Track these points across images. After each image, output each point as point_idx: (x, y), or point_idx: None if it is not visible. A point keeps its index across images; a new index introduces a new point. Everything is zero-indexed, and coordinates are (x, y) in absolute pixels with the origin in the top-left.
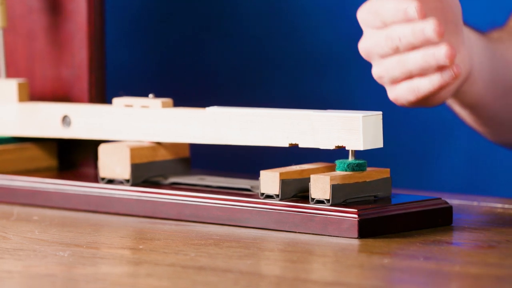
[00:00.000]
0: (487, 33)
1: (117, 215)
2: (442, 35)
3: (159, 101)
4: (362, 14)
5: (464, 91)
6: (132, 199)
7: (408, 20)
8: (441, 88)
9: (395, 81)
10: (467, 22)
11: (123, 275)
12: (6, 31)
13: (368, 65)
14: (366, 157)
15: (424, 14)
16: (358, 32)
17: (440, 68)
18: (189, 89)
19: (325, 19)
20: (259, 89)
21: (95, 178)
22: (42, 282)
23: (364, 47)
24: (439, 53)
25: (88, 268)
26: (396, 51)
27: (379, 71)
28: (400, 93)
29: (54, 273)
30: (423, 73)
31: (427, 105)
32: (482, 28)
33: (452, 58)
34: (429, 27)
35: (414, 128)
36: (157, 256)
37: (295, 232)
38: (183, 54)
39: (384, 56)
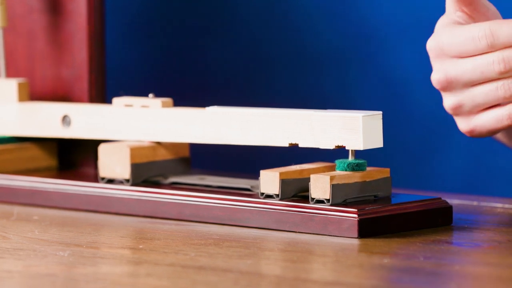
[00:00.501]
0: None
1: (117, 215)
2: None
3: (159, 101)
4: (441, 43)
5: None
6: (132, 199)
7: None
8: None
9: (478, 110)
10: None
11: (123, 275)
12: (6, 31)
13: (369, 65)
14: (366, 157)
15: None
16: (358, 32)
17: None
18: (189, 89)
19: (325, 19)
20: (259, 89)
21: (95, 178)
22: (42, 282)
23: (447, 76)
24: None
25: (88, 267)
26: (504, 75)
27: (460, 100)
28: (483, 123)
29: (54, 272)
30: None
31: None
32: None
33: None
34: None
35: (414, 128)
36: (157, 256)
37: (295, 232)
38: (183, 54)
39: (476, 83)
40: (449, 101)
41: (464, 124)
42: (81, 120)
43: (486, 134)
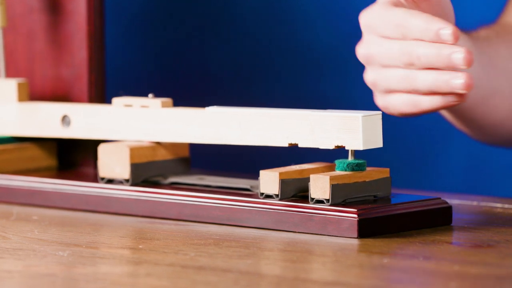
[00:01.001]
0: (474, 32)
1: (117, 215)
2: (471, 64)
3: (158, 101)
4: (371, 20)
5: None
6: (132, 199)
7: (437, 41)
8: (442, 108)
9: (391, 91)
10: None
11: (123, 275)
12: (6, 31)
13: None
14: (365, 157)
15: (457, 39)
16: (358, 32)
17: (449, 93)
18: (189, 89)
19: (324, 19)
20: (259, 89)
21: (94, 178)
22: (42, 281)
23: (367, 53)
24: (456, 82)
25: (87, 267)
26: (408, 66)
27: (375, 78)
28: (394, 103)
29: (54, 272)
30: (427, 93)
31: (415, 115)
32: (471, 26)
33: (469, 88)
34: (459, 54)
35: (414, 128)
36: (157, 256)
37: (295, 232)
38: (183, 54)
39: (388, 66)
40: (368, 75)
41: (379, 100)
42: (81, 120)
43: (398, 115)
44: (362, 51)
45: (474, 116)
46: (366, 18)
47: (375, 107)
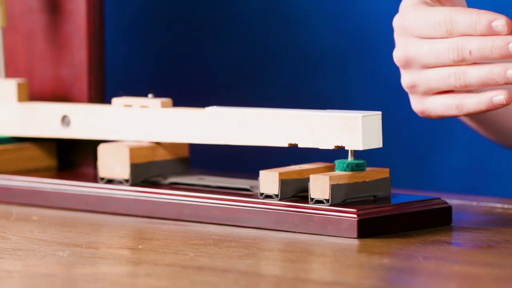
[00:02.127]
0: None
1: (117, 215)
2: None
3: (158, 101)
4: (406, 22)
5: None
6: (132, 199)
7: (489, 33)
8: (488, 110)
9: (431, 93)
10: None
11: (123, 275)
12: (6, 31)
13: (368, 65)
14: (365, 157)
15: (511, 29)
16: (358, 32)
17: (501, 85)
18: (189, 89)
19: (324, 19)
20: (259, 89)
21: (94, 178)
22: (41, 282)
23: (406, 55)
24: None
25: (87, 268)
26: (458, 63)
27: (415, 80)
28: (433, 106)
29: (54, 273)
30: (476, 88)
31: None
32: None
33: None
34: None
35: (414, 128)
36: (157, 256)
37: (295, 232)
38: (183, 54)
39: (432, 66)
40: (406, 79)
41: (416, 104)
42: (81, 120)
43: (435, 117)
44: (399, 53)
45: (497, 120)
46: (401, 21)
47: (374, 107)
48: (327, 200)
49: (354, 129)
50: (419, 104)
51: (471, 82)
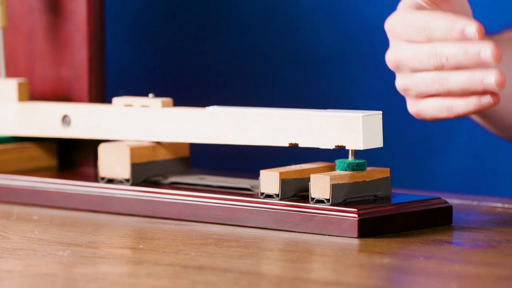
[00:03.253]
0: (497, 35)
1: (117, 215)
2: (500, 60)
3: (159, 101)
4: (395, 25)
5: None
6: (132, 198)
7: (463, 40)
8: (476, 112)
9: (423, 96)
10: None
11: (123, 275)
12: (6, 31)
13: (368, 65)
14: (366, 157)
15: (483, 35)
16: (357, 32)
17: (482, 92)
18: (189, 89)
19: (325, 19)
20: (259, 89)
21: (95, 177)
22: (42, 281)
23: (396, 58)
24: (488, 78)
25: (88, 267)
26: (438, 69)
27: (406, 84)
28: (426, 109)
29: (54, 272)
30: (461, 94)
31: (447, 118)
32: (496, 28)
33: (502, 85)
34: (486, 50)
35: (414, 127)
36: (157, 256)
37: (295, 231)
38: (183, 54)
39: (418, 70)
40: (398, 82)
41: (412, 106)
42: (81, 120)
43: (430, 119)
44: (390, 57)
45: (504, 116)
46: (390, 24)
47: (375, 107)
48: (328, 200)
49: (355, 128)
50: (414, 107)
51: (453, 87)
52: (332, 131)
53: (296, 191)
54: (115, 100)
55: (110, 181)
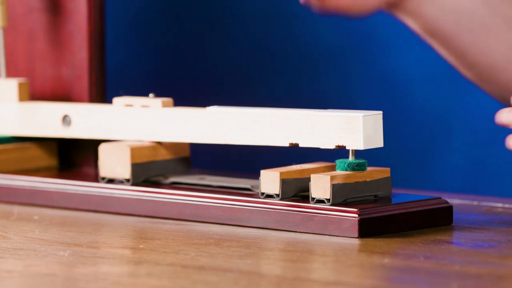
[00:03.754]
0: None
1: (118, 215)
2: None
3: (159, 101)
4: None
5: (413, 11)
6: (133, 198)
7: None
8: None
9: None
10: None
11: (123, 275)
12: (6, 31)
13: (369, 65)
14: (366, 157)
15: None
16: (358, 32)
17: None
18: (189, 89)
19: (325, 19)
20: (259, 89)
21: (95, 177)
22: (42, 281)
23: None
24: None
25: (88, 267)
26: None
27: None
28: None
29: (55, 272)
30: None
31: None
32: None
33: None
34: None
35: (414, 128)
36: (158, 256)
37: (296, 231)
38: (183, 54)
39: None
40: (505, 115)
41: None
42: (81, 120)
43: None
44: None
45: (461, 50)
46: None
47: (375, 107)
48: (328, 200)
49: (355, 128)
50: None
51: None
52: (332, 131)
53: (297, 191)
54: (115, 100)
55: (111, 181)
